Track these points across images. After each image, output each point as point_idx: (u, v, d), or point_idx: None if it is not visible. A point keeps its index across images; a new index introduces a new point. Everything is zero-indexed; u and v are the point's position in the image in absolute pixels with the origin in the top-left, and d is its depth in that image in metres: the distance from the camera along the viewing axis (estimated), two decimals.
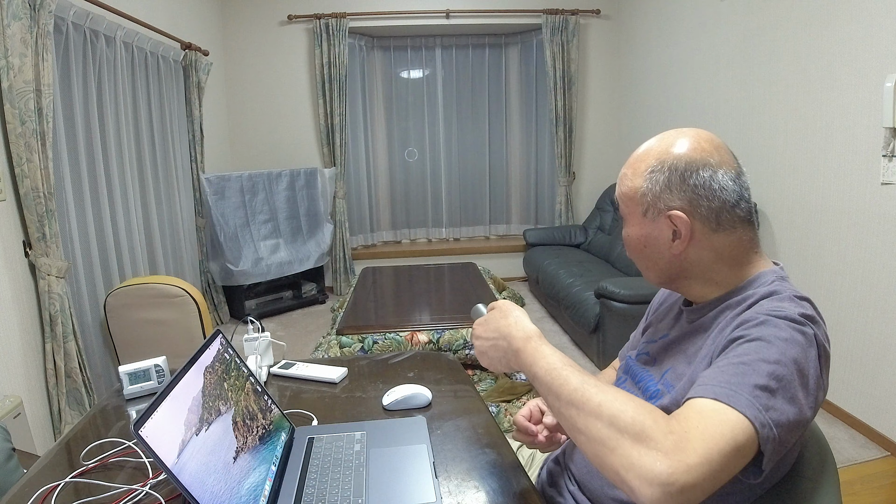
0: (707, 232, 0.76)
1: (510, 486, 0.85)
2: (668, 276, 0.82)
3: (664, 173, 0.77)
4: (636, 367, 0.89)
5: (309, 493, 0.82)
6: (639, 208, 0.80)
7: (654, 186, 0.77)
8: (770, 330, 0.65)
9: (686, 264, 0.79)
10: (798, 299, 0.71)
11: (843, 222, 2.25)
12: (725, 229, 0.76)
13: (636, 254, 0.84)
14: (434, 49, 4.70)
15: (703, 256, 0.78)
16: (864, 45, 2.10)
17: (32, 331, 2.05)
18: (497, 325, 0.79)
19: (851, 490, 1.90)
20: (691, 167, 0.75)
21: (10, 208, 1.98)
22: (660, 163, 0.77)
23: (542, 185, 4.84)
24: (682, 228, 0.76)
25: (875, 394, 2.15)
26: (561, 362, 0.69)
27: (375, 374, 1.27)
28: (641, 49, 4.12)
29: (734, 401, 0.60)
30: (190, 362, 0.81)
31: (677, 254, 0.78)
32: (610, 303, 2.68)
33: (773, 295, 0.72)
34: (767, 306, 0.69)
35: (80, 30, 2.38)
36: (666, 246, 0.78)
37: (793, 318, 0.66)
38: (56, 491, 0.85)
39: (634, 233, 0.82)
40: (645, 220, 0.80)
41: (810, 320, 0.67)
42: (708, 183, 0.75)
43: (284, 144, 4.48)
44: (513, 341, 0.76)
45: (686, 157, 0.76)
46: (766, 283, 0.75)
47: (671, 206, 0.76)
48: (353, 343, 2.40)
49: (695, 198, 0.75)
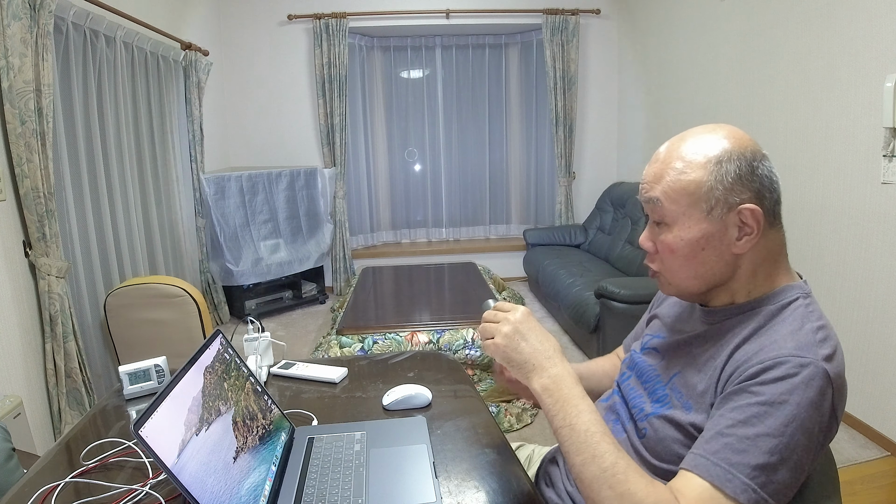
0: (766, 228, 0.71)
1: (510, 486, 0.85)
2: (717, 282, 0.74)
3: (733, 163, 0.69)
4: (643, 364, 0.86)
5: (309, 493, 0.82)
6: (701, 205, 0.71)
7: (724, 178, 0.69)
8: (784, 390, 0.62)
9: (738, 265, 0.73)
10: (818, 330, 0.67)
11: (843, 222, 2.25)
12: (776, 225, 0.73)
13: (685, 260, 0.74)
14: (434, 49, 4.70)
15: (755, 256, 0.72)
16: (864, 44, 2.10)
17: (32, 331, 2.05)
18: (530, 350, 0.75)
19: (851, 490, 1.90)
20: (756, 156, 0.70)
21: (10, 208, 1.97)
22: (725, 152, 0.70)
23: (542, 185, 4.84)
24: (752, 223, 0.70)
25: (875, 394, 2.15)
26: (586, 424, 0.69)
27: (375, 374, 1.27)
28: (641, 49, 4.12)
29: (729, 486, 0.62)
30: (190, 362, 0.81)
31: (741, 253, 0.71)
32: (610, 303, 2.68)
33: (795, 320, 0.68)
34: (790, 347, 0.65)
35: (80, 30, 2.38)
36: (729, 245, 0.71)
37: (813, 372, 0.62)
38: (56, 491, 0.85)
39: (690, 235, 0.72)
40: (708, 219, 0.71)
41: (829, 360, 0.64)
42: (769, 173, 0.71)
43: (284, 144, 4.48)
44: (538, 378, 0.74)
45: (748, 146, 0.70)
46: (789, 299, 0.71)
47: (743, 199, 0.70)
48: (353, 343, 2.40)
49: (761, 189, 0.70)
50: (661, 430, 0.75)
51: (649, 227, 0.78)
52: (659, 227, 0.75)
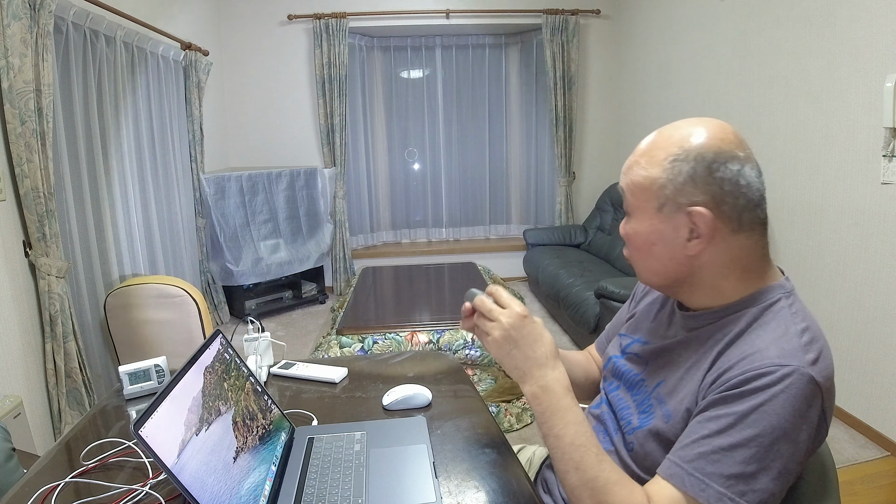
0: (726, 233, 0.69)
1: (510, 486, 0.85)
2: (673, 280, 0.74)
3: (689, 163, 0.68)
4: (628, 372, 0.84)
5: (309, 493, 0.82)
6: (653, 202, 0.71)
7: (675, 177, 0.69)
8: (765, 400, 0.61)
9: (696, 267, 0.72)
10: (803, 333, 0.65)
11: (843, 222, 2.25)
12: (745, 231, 0.69)
13: (641, 252, 0.75)
14: (434, 49, 4.70)
15: (717, 260, 0.70)
16: (864, 44, 2.10)
17: (32, 331, 2.05)
18: (521, 357, 0.75)
19: (851, 490, 1.90)
20: (719, 158, 0.68)
21: (10, 208, 1.97)
22: (684, 151, 0.69)
23: (542, 185, 4.84)
24: (703, 227, 0.68)
25: (875, 394, 2.15)
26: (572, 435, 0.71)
27: (375, 374, 1.27)
28: (641, 49, 4.12)
29: (703, 496, 0.62)
30: (190, 362, 0.81)
31: (692, 255, 0.70)
32: (610, 303, 2.68)
33: (778, 325, 0.66)
34: (773, 355, 0.63)
35: (80, 30, 2.38)
36: (679, 246, 0.70)
37: (797, 380, 0.61)
38: (56, 491, 0.85)
39: (643, 228, 0.73)
40: (659, 216, 0.71)
41: (815, 364, 0.63)
42: (735, 178, 0.67)
43: (284, 144, 4.48)
44: (527, 386, 0.75)
45: (714, 147, 0.68)
46: (771, 300, 0.69)
47: (694, 202, 0.68)
48: (353, 343, 2.40)
49: (720, 193, 0.68)
50: (647, 445, 0.74)
51: (625, 217, 0.80)
52: (627, 216, 0.78)
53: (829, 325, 2.33)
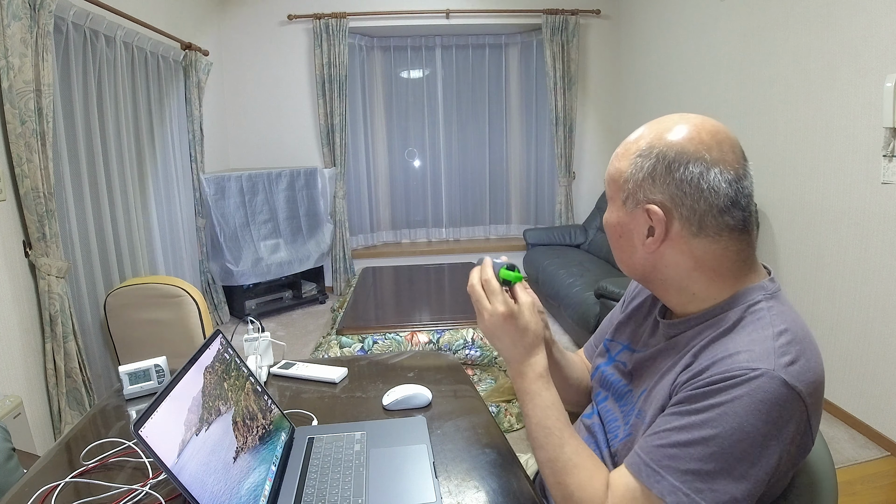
0: (686, 235, 0.68)
1: (510, 486, 0.85)
2: (641, 273, 0.75)
3: (650, 160, 0.68)
4: (616, 381, 0.84)
5: (309, 493, 0.82)
6: (620, 193, 0.73)
7: (637, 173, 0.70)
8: (727, 400, 0.60)
9: (660, 266, 0.72)
10: (780, 335, 0.63)
11: (843, 222, 2.25)
12: (708, 236, 0.68)
13: (612, 241, 0.78)
14: (434, 49, 4.70)
15: (679, 262, 0.70)
16: (864, 44, 2.10)
17: (32, 331, 2.05)
18: (503, 347, 0.80)
19: (851, 490, 1.90)
20: (681, 159, 0.67)
21: (10, 208, 1.97)
22: (649, 147, 0.69)
23: (541, 185, 4.84)
24: (656, 226, 0.69)
25: (875, 394, 2.15)
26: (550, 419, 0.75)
27: (375, 374, 1.27)
28: (641, 49, 4.12)
29: (657, 487, 0.63)
30: (190, 362, 0.81)
31: (650, 252, 0.71)
32: (610, 303, 2.68)
33: (755, 328, 0.65)
34: (743, 358, 0.61)
35: (80, 30, 2.38)
36: (640, 241, 0.71)
37: (765, 382, 0.59)
38: (56, 491, 0.85)
39: (612, 219, 0.75)
40: (623, 209, 0.73)
41: (790, 366, 0.60)
42: (696, 180, 0.66)
43: (284, 144, 4.47)
44: (509, 369, 0.81)
45: (678, 147, 0.67)
46: (749, 302, 0.67)
47: (650, 199, 0.69)
48: (353, 343, 2.40)
49: (678, 194, 0.67)
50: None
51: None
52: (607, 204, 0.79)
53: (829, 325, 2.33)
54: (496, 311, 0.78)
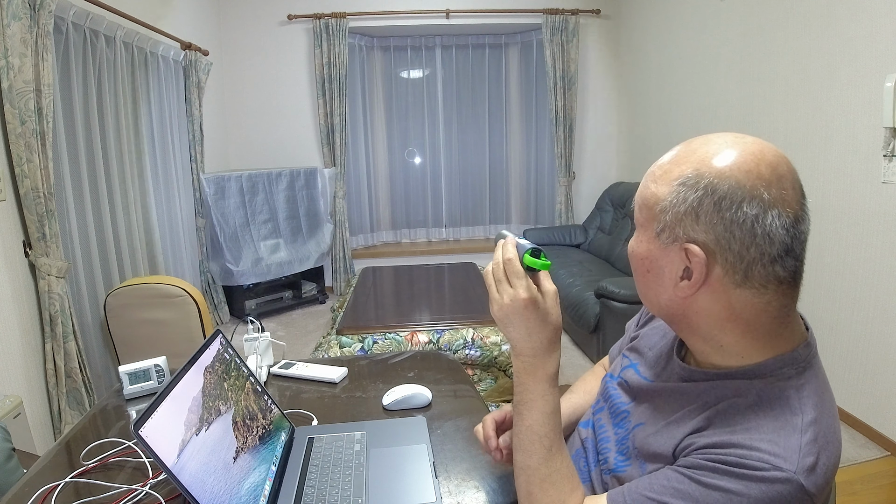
0: (727, 284, 0.58)
1: (510, 486, 0.85)
2: (667, 314, 0.66)
3: (696, 191, 0.57)
4: (616, 397, 0.79)
5: (309, 493, 0.82)
6: (653, 223, 0.62)
7: (678, 204, 0.58)
8: (738, 490, 0.54)
9: (689, 312, 0.62)
10: (807, 429, 0.56)
11: (843, 222, 2.25)
12: (753, 287, 0.58)
13: (637, 274, 0.67)
14: (434, 49, 4.70)
15: (713, 311, 0.60)
16: (864, 44, 2.10)
17: (32, 331, 2.05)
18: (516, 336, 0.71)
19: (851, 490, 1.90)
20: (734, 196, 0.56)
21: (10, 208, 1.97)
22: (696, 176, 0.58)
23: (542, 185, 4.84)
24: (695, 269, 0.58)
25: (875, 394, 2.15)
26: (542, 421, 0.71)
27: (375, 374, 1.27)
28: (641, 49, 4.12)
29: None
30: (190, 362, 0.81)
31: (682, 297, 0.61)
32: (610, 303, 2.68)
33: (782, 412, 0.58)
34: (767, 448, 0.55)
35: (80, 30, 2.38)
36: (671, 281, 0.61)
37: (783, 488, 0.53)
38: (56, 491, 0.85)
39: (640, 250, 0.65)
40: (657, 241, 0.62)
41: (811, 471, 0.55)
42: (749, 223, 0.55)
43: (284, 144, 4.47)
44: (514, 360, 0.73)
45: (732, 180, 0.56)
46: (780, 377, 0.60)
47: (691, 238, 0.58)
48: (353, 343, 2.40)
49: (725, 237, 0.56)
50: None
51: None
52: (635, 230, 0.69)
53: (829, 325, 2.33)
54: (518, 296, 0.68)
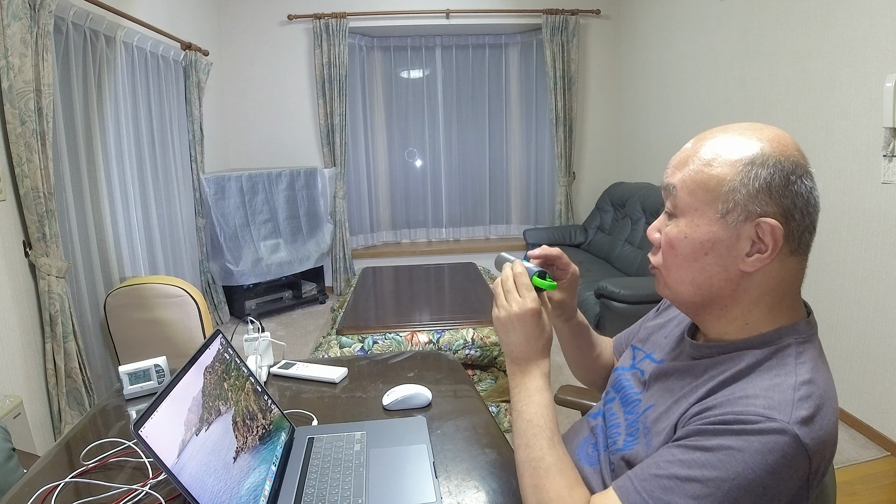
0: (784, 253, 0.63)
1: (510, 486, 0.85)
2: (711, 297, 0.67)
3: (768, 169, 0.61)
4: (628, 387, 0.82)
5: (309, 493, 0.82)
6: (716, 205, 0.64)
7: (751, 183, 0.62)
8: (736, 447, 0.57)
9: (741, 289, 0.65)
10: (801, 386, 0.60)
11: (843, 222, 2.25)
12: (800, 254, 0.64)
13: (684, 260, 0.67)
14: (434, 49, 4.70)
15: (765, 282, 0.64)
16: (864, 44, 2.10)
17: (32, 331, 2.05)
18: (515, 342, 0.78)
19: (851, 490, 1.90)
20: (797, 170, 0.62)
21: (10, 208, 1.97)
22: (762, 155, 0.62)
23: (542, 185, 4.84)
24: (769, 241, 0.62)
25: (875, 394, 2.15)
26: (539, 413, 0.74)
27: (375, 374, 1.27)
28: (641, 49, 4.12)
29: None
30: (190, 362, 0.81)
31: (747, 272, 0.64)
32: (610, 303, 2.68)
33: (778, 373, 0.62)
34: (760, 404, 0.59)
35: (80, 30, 2.38)
36: (735, 259, 0.64)
37: (777, 438, 0.56)
38: (56, 491, 0.85)
39: (698, 234, 0.65)
40: (721, 222, 0.64)
41: (805, 424, 0.57)
42: (807, 194, 0.62)
43: (284, 144, 4.48)
44: (510, 363, 0.80)
45: (794, 158, 0.62)
46: (780, 345, 0.64)
47: (766, 212, 0.62)
48: (353, 343, 2.40)
49: (791, 208, 0.62)
50: (626, 470, 0.72)
51: (661, 216, 0.72)
52: (670, 218, 0.69)
53: (829, 325, 2.33)
54: (526, 306, 0.76)
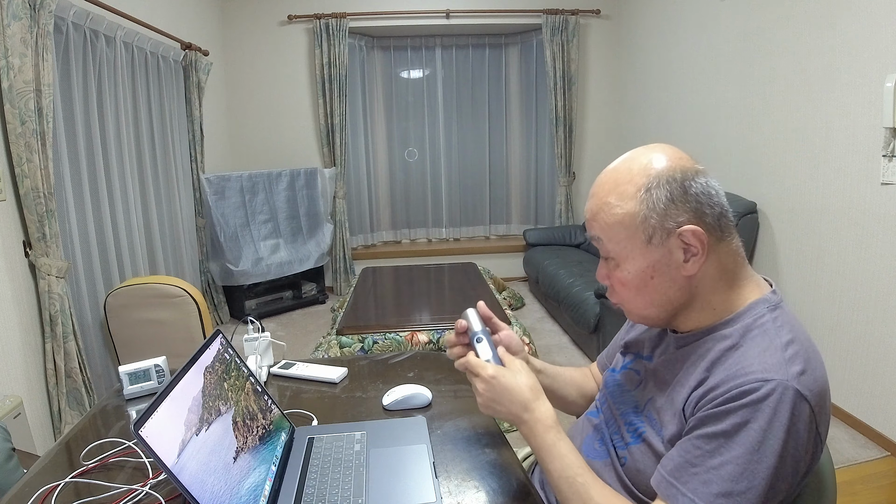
0: (713, 243, 0.71)
1: (510, 486, 0.85)
2: (675, 307, 0.74)
3: (663, 188, 0.69)
4: (622, 385, 0.86)
5: (309, 493, 0.82)
6: (640, 236, 0.71)
7: (656, 205, 0.69)
8: (749, 417, 0.61)
9: (693, 287, 0.72)
10: (787, 346, 0.65)
11: (843, 222, 2.25)
12: (726, 237, 0.72)
13: (638, 291, 0.74)
14: (434, 49, 4.70)
15: (710, 274, 0.71)
16: (864, 45, 2.10)
17: (32, 331, 2.05)
18: (505, 411, 0.80)
19: (851, 490, 1.90)
20: (687, 175, 0.70)
21: (10, 208, 1.98)
22: (654, 178, 0.70)
23: (542, 185, 4.84)
24: (696, 243, 0.69)
25: (875, 394, 2.15)
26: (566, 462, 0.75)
27: (375, 374, 1.27)
28: (641, 49, 4.12)
29: None
30: (190, 362, 0.81)
31: (692, 275, 0.71)
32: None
33: (763, 339, 0.67)
34: (756, 370, 0.63)
35: (80, 30, 2.38)
36: (677, 270, 0.71)
37: (781, 394, 0.61)
38: (56, 491, 0.85)
39: (637, 266, 0.72)
40: (650, 248, 0.71)
41: (801, 376, 0.63)
42: (705, 189, 0.70)
43: (284, 144, 4.48)
44: (518, 427, 0.81)
45: (679, 167, 0.70)
46: (756, 315, 0.70)
47: (680, 222, 0.69)
48: (353, 343, 2.40)
49: (698, 208, 0.69)
50: (641, 461, 0.75)
51: (601, 263, 0.78)
52: (608, 261, 0.76)
53: (830, 326, 2.33)
54: (484, 376, 0.81)
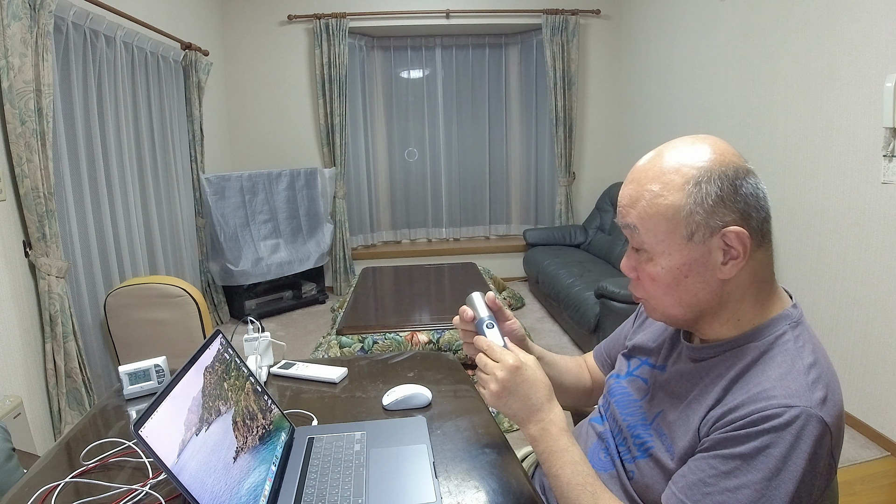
0: (753, 249, 0.66)
1: (510, 486, 0.85)
2: (701, 310, 0.70)
3: (714, 184, 0.64)
4: (628, 395, 0.83)
5: (309, 493, 0.82)
6: (681, 231, 0.66)
7: (704, 200, 0.64)
8: (771, 443, 0.59)
9: (724, 292, 0.68)
10: (810, 369, 0.63)
11: (843, 222, 2.25)
12: (764, 244, 0.67)
13: (668, 289, 0.70)
14: (434, 49, 4.70)
15: (743, 281, 0.68)
16: (864, 44, 2.10)
17: (32, 331, 2.05)
18: (519, 405, 0.78)
19: (851, 490, 1.90)
20: (739, 174, 0.65)
21: (10, 208, 1.97)
22: (705, 172, 0.65)
23: (542, 185, 4.84)
24: (738, 246, 0.65)
25: (875, 394, 2.15)
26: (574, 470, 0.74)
27: (375, 374, 1.27)
28: (641, 49, 4.12)
29: None
30: (190, 362, 0.81)
31: (727, 279, 0.67)
32: (610, 303, 2.68)
33: (784, 360, 0.64)
34: (780, 395, 0.61)
35: (80, 30, 2.38)
36: (713, 271, 0.67)
37: (805, 422, 0.59)
38: (56, 491, 0.85)
39: (672, 263, 0.68)
40: (689, 245, 0.66)
41: (823, 404, 0.61)
42: (755, 191, 0.66)
43: (284, 144, 4.48)
44: (527, 428, 0.79)
45: (733, 164, 0.65)
46: (777, 333, 0.67)
47: (727, 222, 0.65)
48: (353, 343, 2.40)
49: (746, 209, 0.65)
50: (648, 476, 0.74)
51: (629, 253, 0.74)
52: (639, 253, 0.72)
53: (830, 326, 2.33)
54: (507, 365, 0.77)
